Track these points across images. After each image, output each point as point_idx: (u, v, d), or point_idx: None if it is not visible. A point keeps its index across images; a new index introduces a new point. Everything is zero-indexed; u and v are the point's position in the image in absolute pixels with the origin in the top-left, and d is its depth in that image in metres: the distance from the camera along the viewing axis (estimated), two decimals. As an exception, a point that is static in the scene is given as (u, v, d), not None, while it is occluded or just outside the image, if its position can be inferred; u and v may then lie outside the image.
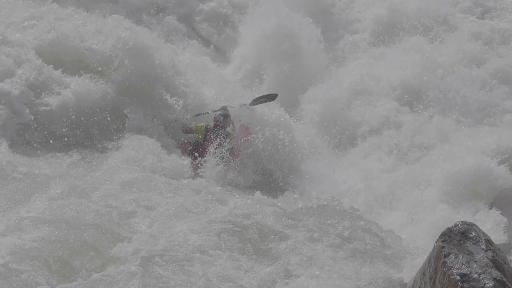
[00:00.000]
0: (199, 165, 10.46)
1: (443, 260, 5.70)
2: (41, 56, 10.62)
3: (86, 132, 10.37)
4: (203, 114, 11.17)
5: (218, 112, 10.94)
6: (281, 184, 10.81)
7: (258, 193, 8.97)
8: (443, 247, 5.78)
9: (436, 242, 5.88)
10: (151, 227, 7.33)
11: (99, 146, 10.18)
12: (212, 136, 10.74)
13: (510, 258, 6.50)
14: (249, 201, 8.33)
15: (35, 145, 9.88)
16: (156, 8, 14.74)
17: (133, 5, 14.57)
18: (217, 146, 10.61)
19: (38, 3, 11.80)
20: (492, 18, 14.89)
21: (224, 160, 10.54)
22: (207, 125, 10.91)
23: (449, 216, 8.81)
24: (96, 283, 6.28)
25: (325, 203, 8.66)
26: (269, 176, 10.96)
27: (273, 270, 6.79)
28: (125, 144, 10.01)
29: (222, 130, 10.78)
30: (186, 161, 10.38)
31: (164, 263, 6.67)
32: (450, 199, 9.32)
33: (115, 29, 11.09)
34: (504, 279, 5.63)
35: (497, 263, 5.85)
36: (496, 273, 5.61)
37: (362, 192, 10.30)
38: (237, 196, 8.98)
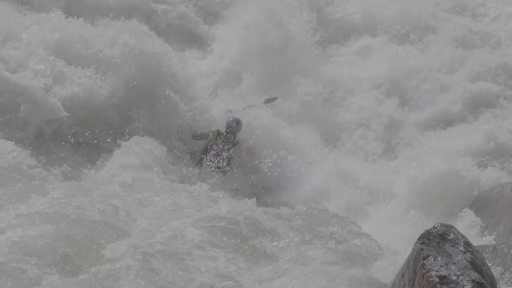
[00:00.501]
0: (204, 164, 10.46)
1: (422, 262, 5.70)
2: (47, 57, 10.57)
3: (93, 131, 10.33)
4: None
5: (231, 118, 10.92)
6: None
7: (251, 200, 8.92)
8: (421, 249, 5.78)
9: (415, 245, 5.88)
10: (150, 224, 7.46)
11: (106, 146, 10.17)
12: (222, 140, 10.72)
13: (488, 259, 6.51)
14: (240, 203, 8.52)
15: (44, 142, 9.90)
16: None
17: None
18: (227, 151, 10.61)
19: (43, 10, 11.83)
20: (472, 21, 14.90)
21: (221, 169, 10.53)
22: (219, 130, 10.87)
23: (427, 224, 8.82)
24: (97, 277, 6.41)
25: (304, 209, 8.68)
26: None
27: (259, 269, 6.93)
28: (130, 146, 9.99)
29: (233, 136, 10.78)
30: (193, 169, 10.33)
31: (162, 258, 6.82)
32: (425, 207, 9.31)
33: (122, 34, 10.97)
34: (483, 281, 5.64)
35: (475, 265, 5.86)
36: (474, 275, 5.62)
37: (333, 198, 10.26)
38: (231, 198, 9.17)
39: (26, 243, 6.70)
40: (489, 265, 6.35)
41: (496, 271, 6.39)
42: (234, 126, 10.79)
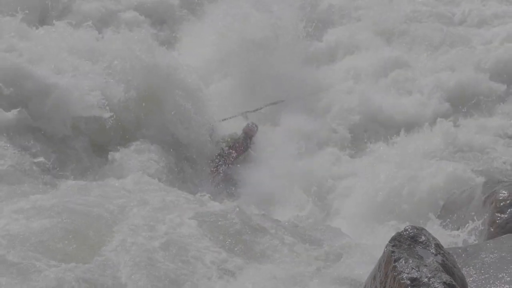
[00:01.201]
0: (220, 172, 10.37)
1: (393, 264, 5.70)
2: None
3: (103, 132, 10.43)
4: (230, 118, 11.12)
5: (252, 122, 10.87)
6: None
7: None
8: (393, 251, 5.79)
9: (386, 247, 5.88)
10: (149, 220, 7.68)
11: (114, 151, 10.27)
12: (240, 145, 10.64)
13: (459, 261, 6.54)
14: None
15: (53, 141, 9.98)
16: None
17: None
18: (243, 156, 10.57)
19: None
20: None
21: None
22: (234, 138, 10.79)
23: (398, 226, 8.84)
24: (97, 268, 6.64)
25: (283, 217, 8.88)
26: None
27: (236, 268, 7.08)
28: (139, 152, 10.18)
29: (250, 140, 10.72)
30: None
31: (161, 250, 7.08)
32: (395, 210, 9.32)
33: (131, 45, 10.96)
34: (454, 283, 5.66)
35: (447, 267, 5.88)
36: (446, 277, 5.64)
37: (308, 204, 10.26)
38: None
39: (27, 237, 6.88)
40: (460, 267, 6.38)
41: (467, 273, 6.41)
42: (255, 130, 10.76)
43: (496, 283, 6.26)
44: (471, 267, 6.52)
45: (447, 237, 8.31)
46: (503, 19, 14.39)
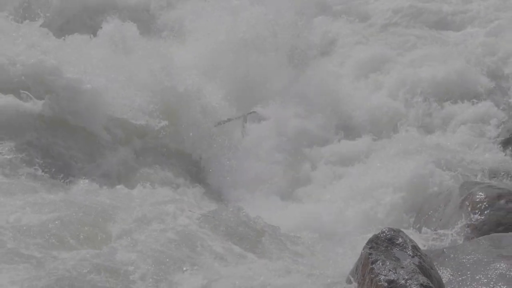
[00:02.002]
0: None
1: (371, 266, 5.71)
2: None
3: (129, 136, 10.48)
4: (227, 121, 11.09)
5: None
6: None
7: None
8: (370, 253, 5.80)
9: (363, 249, 5.90)
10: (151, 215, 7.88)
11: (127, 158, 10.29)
12: None
13: (436, 263, 6.56)
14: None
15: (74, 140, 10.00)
16: None
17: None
18: None
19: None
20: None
21: None
22: None
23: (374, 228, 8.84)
24: (100, 256, 6.88)
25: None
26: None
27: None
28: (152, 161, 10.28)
29: None
30: None
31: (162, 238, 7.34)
32: (372, 211, 9.32)
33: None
34: (431, 285, 5.68)
35: (423, 268, 5.90)
36: (423, 279, 5.66)
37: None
38: None
39: (39, 229, 7.17)
40: (437, 268, 6.40)
41: (444, 275, 6.43)
42: None
43: (473, 284, 6.29)
44: (448, 269, 6.54)
45: (424, 239, 8.33)
46: (483, 19, 14.40)
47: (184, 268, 6.87)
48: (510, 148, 10.58)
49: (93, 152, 9.94)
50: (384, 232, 6.04)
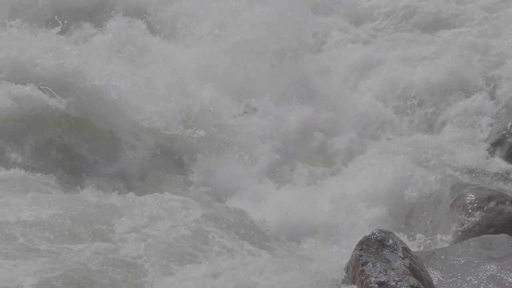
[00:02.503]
0: None
1: (361, 268, 5.72)
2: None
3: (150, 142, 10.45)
4: None
5: None
6: None
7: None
8: (360, 255, 5.81)
9: (354, 251, 5.90)
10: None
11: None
12: None
13: (426, 265, 6.56)
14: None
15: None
16: None
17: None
18: None
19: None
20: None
21: None
22: None
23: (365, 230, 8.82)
24: (110, 247, 7.14)
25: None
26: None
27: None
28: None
29: None
30: None
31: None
32: (361, 213, 9.29)
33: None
34: (422, 286, 5.70)
35: (414, 270, 5.91)
36: (413, 281, 5.67)
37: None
38: None
39: (46, 224, 7.32)
40: (428, 270, 6.40)
41: (434, 277, 6.44)
42: None
43: (464, 286, 6.30)
44: (438, 271, 6.55)
45: (414, 240, 8.33)
46: (475, 19, 14.39)
47: (192, 261, 7.03)
48: (500, 149, 10.57)
49: (111, 153, 9.99)
50: (374, 233, 6.04)
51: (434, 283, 6.28)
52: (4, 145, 9.42)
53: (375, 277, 5.62)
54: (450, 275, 6.47)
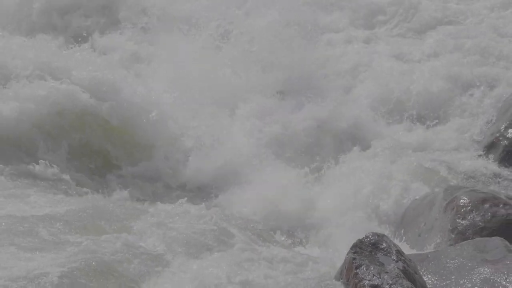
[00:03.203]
0: None
1: (355, 271, 5.72)
2: None
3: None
4: None
5: None
6: None
7: None
8: (354, 258, 5.81)
9: (347, 254, 5.90)
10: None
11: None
12: None
13: (420, 268, 6.56)
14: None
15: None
16: None
17: None
18: None
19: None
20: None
21: None
22: None
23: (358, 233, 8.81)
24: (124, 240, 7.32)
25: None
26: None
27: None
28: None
29: None
30: None
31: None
32: (355, 217, 9.29)
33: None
34: (415, 289, 5.68)
35: (408, 273, 5.91)
36: (407, 284, 5.68)
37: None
38: None
39: (67, 219, 7.66)
40: (421, 273, 6.40)
41: (428, 280, 6.44)
42: None
43: (457, 289, 6.30)
44: (432, 274, 6.55)
45: (408, 243, 8.34)
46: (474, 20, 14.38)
47: (211, 254, 7.27)
48: (493, 152, 10.58)
49: (134, 154, 10.14)
50: (368, 236, 6.04)
51: (428, 286, 6.28)
52: (42, 143, 9.62)
53: (369, 280, 5.62)
54: (443, 278, 6.47)
